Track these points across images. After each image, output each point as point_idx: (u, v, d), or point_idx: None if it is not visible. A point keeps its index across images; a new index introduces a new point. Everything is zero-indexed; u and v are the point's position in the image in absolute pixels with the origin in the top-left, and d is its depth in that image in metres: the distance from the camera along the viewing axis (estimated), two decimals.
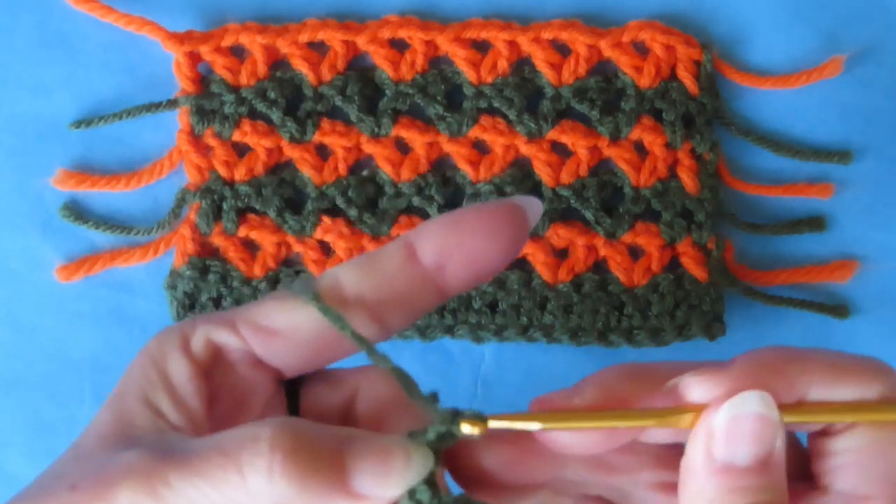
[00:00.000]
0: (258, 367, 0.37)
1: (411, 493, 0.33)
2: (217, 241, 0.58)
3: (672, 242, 0.57)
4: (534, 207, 0.37)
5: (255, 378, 0.37)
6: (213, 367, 0.37)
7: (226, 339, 0.37)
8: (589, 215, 0.57)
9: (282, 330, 0.36)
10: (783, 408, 0.33)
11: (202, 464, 0.32)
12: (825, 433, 0.35)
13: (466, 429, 0.34)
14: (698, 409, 0.34)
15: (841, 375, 0.33)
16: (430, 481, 0.33)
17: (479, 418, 0.34)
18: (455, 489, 0.37)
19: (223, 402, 0.37)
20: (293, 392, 0.39)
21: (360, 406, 0.38)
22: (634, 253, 0.57)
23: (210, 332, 0.37)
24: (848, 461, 0.34)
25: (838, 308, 0.58)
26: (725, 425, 0.33)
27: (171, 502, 0.32)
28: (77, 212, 0.58)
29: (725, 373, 0.33)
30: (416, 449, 0.33)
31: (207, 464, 0.32)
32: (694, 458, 0.33)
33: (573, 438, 0.35)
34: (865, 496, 0.34)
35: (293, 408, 0.39)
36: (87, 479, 0.33)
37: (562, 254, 0.57)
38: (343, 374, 0.39)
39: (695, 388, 0.34)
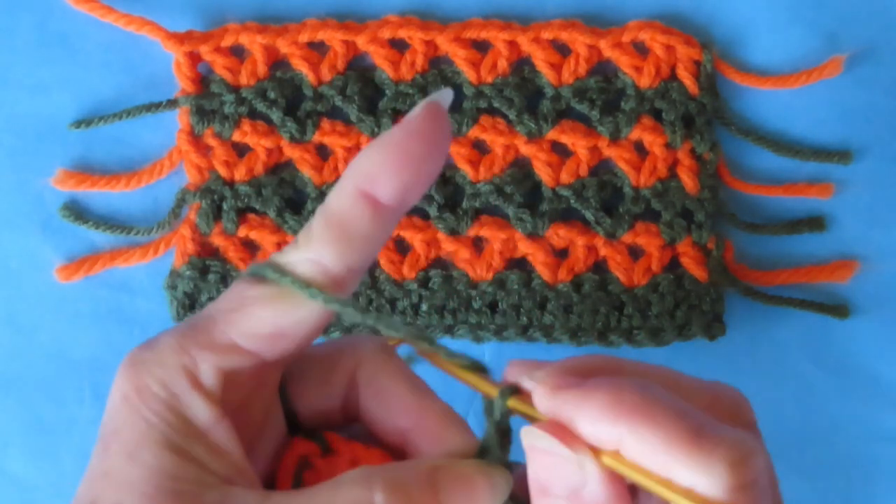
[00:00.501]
0: (264, 374, 0.37)
1: None
2: (217, 241, 0.58)
3: (672, 242, 0.57)
4: (446, 96, 0.36)
5: (261, 385, 0.37)
6: (227, 395, 0.35)
7: (236, 362, 0.35)
8: (589, 215, 0.57)
9: (288, 331, 0.36)
10: (600, 451, 0.33)
11: None
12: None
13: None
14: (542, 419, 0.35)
15: (652, 444, 0.32)
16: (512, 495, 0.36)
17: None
18: None
19: (237, 416, 0.36)
20: (286, 397, 0.39)
21: (369, 402, 0.38)
22: (634, 253, 0.57)
23: (219, 363, 0.35)
24: None
25: (838, 308, 0.58)
26: (529, 451, 0.34)
27: None
28: (77, 212, 0.58)
29: (560, 394, 0.34)
30: (495, 472, 0.35)
31: None
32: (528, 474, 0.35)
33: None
34: None
35: (284, 398, 0.38)
36: None
37: (562, 254, 0.57)
38: (333, 360, 0.39)
39: (535, 397, 0.34)
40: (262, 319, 0.35)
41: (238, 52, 0.58)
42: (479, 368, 0.37)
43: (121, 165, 0.59)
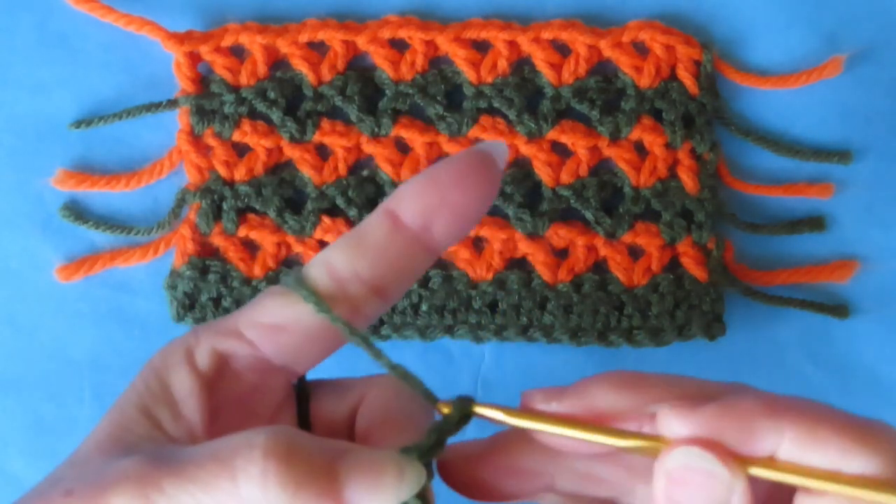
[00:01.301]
0: (266, 373, 0.37)
1: None
2: (217, 241, 0.58)
3: (672, 242, 0.57)
4: (500, 151, 0.38)
5: (264, 385, 0.37)
6: (219, 380, 0.37)
7: (232, 346, 0.37)
8: (589, 215, 0.57)
9: (288, 325, 0.36)
10: (749, 460, 0.32)
11: (196, 470, 0.32)
12: (805, 490, 0.33)
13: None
14: (667, 442, 0.33)
15: (820, 436, 0.32)
16: (422, 496, 0.34)
17: (465, 405, 0.36)
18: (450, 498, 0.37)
19: (231, 414, 0.37)
20: (303, 401, 0.39)
21: (361, 417, 0.38)
22: (634, 253, 0.57)
23: (215, 343, 0.37)
24: None
25: (838, 308, 0.58)
26: (677, 472, 0.33)
27: None
28: (77, 212, 0.58)
29: (699, 413, 0.33)
30: (408, 464, 0.34)
31: (201, 470, 0.32)
32: (657, 497, 0.34)
33: (553, 439, 0.36)
34: None
35: (303, 418, 0.39)
36: (82, 484, 0.33)
37: (562, 254, 0.57)
38: (351, 384, 0.40)
39: (666, 422, 0.33)
40: (263, 308, 0.37)
41: (238, 52, 0.58)
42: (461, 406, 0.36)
43: (121, 165, 0.59)
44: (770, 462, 0.32)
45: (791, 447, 0.32)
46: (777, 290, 0.58)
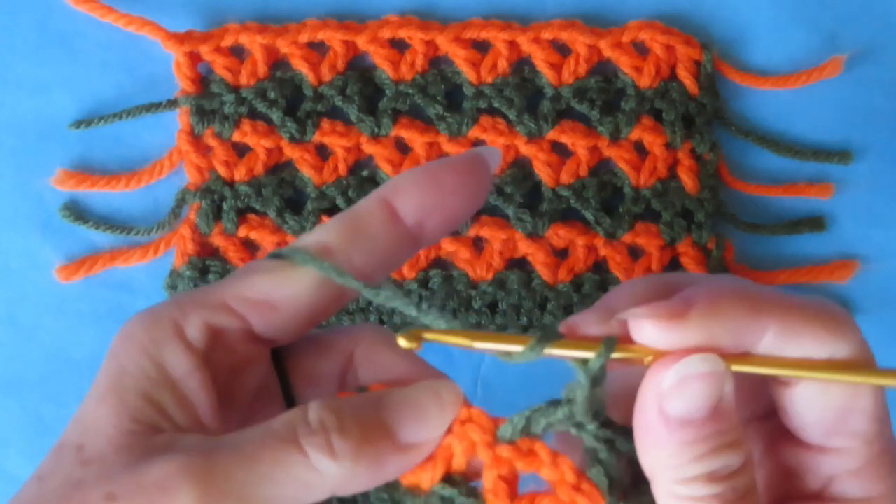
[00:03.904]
0: (254, 344, 0.37)
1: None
2: (217, 241, 0.58)
3: (672, 242, 0.57)
4: (495, 156, 0.39)
5: (251, 354, 0.37)
6: (212, 355, 0.36)
7: (223, 321, 0.36)
8: (589, 215, 0.57)
9: (280, 302, 0.36)
10: (730, 357, 0.33)
11: (259, 450, 0.33)
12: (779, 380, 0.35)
13: (403, 342, 0.36)
14: (654, 353, 0.33)
15: (796, 329, 0.33)
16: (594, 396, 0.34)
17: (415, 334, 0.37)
18: None
19: (229, 389, 0.37)
20: (279, 361, 0.39)
21: (363, 375, 0.38)
22: (634, 253, 0.57)
23: (207, 318, 0.36)
24: (809, 417, 0.34)
25: None
26: (675, 385, 0.33)
27: (235, 495, 0.32)
28: (77, 212, 0.58)
29: (681, 323, 0.33)
30: (443, 387, 0.35)
31: (266, 449, 0.33)
32: (647, 413, 0.33)
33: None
34: (837, 450, 0.34)
35: (282, 377, 0.39)
36: (124, 489, 0.32)
37: (562, 254, 0.57)
38: (331, 341, 0.39)
39: (646, 332, 0.33)
40: (255, 284, 0.36)
41: (238, 52, 0.58)
42: (549, 335, 0.35)
43: (121, 165, 0.59)
44: (747, 356, 0.33)
45: (772, 341, 0.33)
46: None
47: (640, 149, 0.57)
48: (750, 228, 0.58)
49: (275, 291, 0.36)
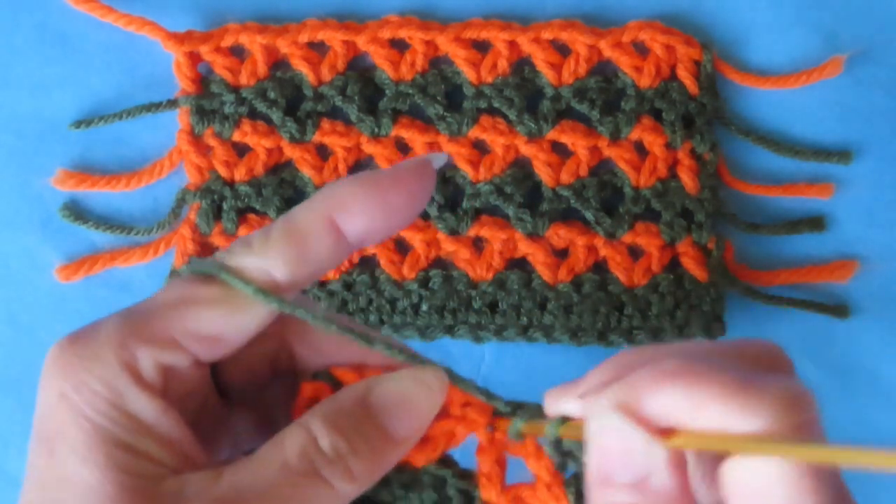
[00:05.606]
0: (198, 367, 0.37)
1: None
2: (217, 241, 0.58)
3: (672, 242, 0.57)
4: (440, 159, 0.40)
5: (199, 376, 0.37)
6: (168, 388, 0.35)
7: (176, 359, 0.35)
8: (589, 215, 0.57)
9: (227, 337, 0.36)
10: (668, 432, 0.31)
11: (285, 490, 0.33)
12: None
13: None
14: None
15: (700, 404, 0.31)
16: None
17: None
18: None
19: (188, 414, 0.36)
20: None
21: (308, 360, 0.39)
22: (634, 253, 0.57)
23: (157, 357, 0.35)
24: (740, 492, 0.31)
25: (838, 308, 0.58)
26: (597, 436, 0.33)
27: None
28: (77, 212, 0.58)
29: (579, 389, 0.34)
30: (428, 374, 0.36)
31: (290, 487, 0.33)
32: (590, 471, 0.34)
33: None
34: None
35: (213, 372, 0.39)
36: None
37: (562, 254, 0.57)
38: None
39: (555, 403, 0.35)
40: (205, 321, 0.35)
41: (238, 52, 0.58)
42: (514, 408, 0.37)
43: (121, 165, 0.59)
44: (676, 433, 0.31)
45: (684, 412, 0.31)
46: (777, 290, 0.58)
47: (641, 149, 0.57)
48: (750, 228, 0.58)
49: (225, 327, 0.36)
